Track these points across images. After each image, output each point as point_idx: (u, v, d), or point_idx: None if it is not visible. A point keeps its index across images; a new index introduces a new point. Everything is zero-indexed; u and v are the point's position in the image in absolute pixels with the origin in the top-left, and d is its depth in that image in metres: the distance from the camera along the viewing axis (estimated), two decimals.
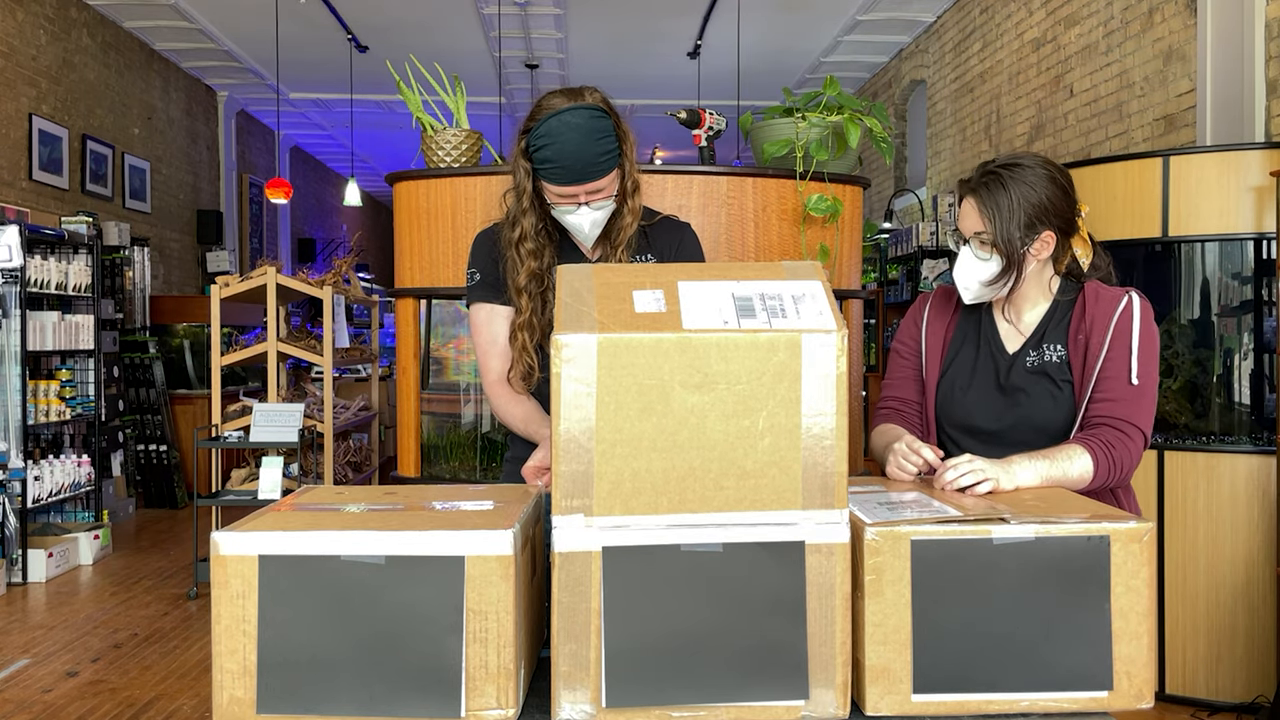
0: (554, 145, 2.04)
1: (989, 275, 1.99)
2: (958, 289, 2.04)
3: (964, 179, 2.05)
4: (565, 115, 2.05)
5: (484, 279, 2.24)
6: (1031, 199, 1.95)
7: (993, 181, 1.97)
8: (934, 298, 2.18)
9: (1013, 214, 1.95)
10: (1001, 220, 1.95)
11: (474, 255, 2.27)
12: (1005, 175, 1.97)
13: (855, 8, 9.02)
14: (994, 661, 1.38)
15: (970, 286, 2.02)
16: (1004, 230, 1.95)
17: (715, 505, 1.33)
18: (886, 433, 2.05)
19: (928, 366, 2.12)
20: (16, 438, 5.92)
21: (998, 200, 1.95)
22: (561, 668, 1.33)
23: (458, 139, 3.53)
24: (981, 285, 2.00)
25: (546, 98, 2.12)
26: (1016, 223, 1.95)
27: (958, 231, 2.03)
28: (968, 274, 2.01)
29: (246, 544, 1.33)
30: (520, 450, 2.22)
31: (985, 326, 2.10)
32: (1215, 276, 4.20)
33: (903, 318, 2.25)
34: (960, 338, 2.11)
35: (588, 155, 2.05)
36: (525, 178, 2.12)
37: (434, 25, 9.49)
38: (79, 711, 3.92)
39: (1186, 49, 5.41)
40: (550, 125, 2.05)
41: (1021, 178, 1.96)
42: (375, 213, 19.56)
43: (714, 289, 1.42)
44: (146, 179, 9.83)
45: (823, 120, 3.43)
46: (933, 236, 8.00)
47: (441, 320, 3.79)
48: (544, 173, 2.08)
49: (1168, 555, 3.95)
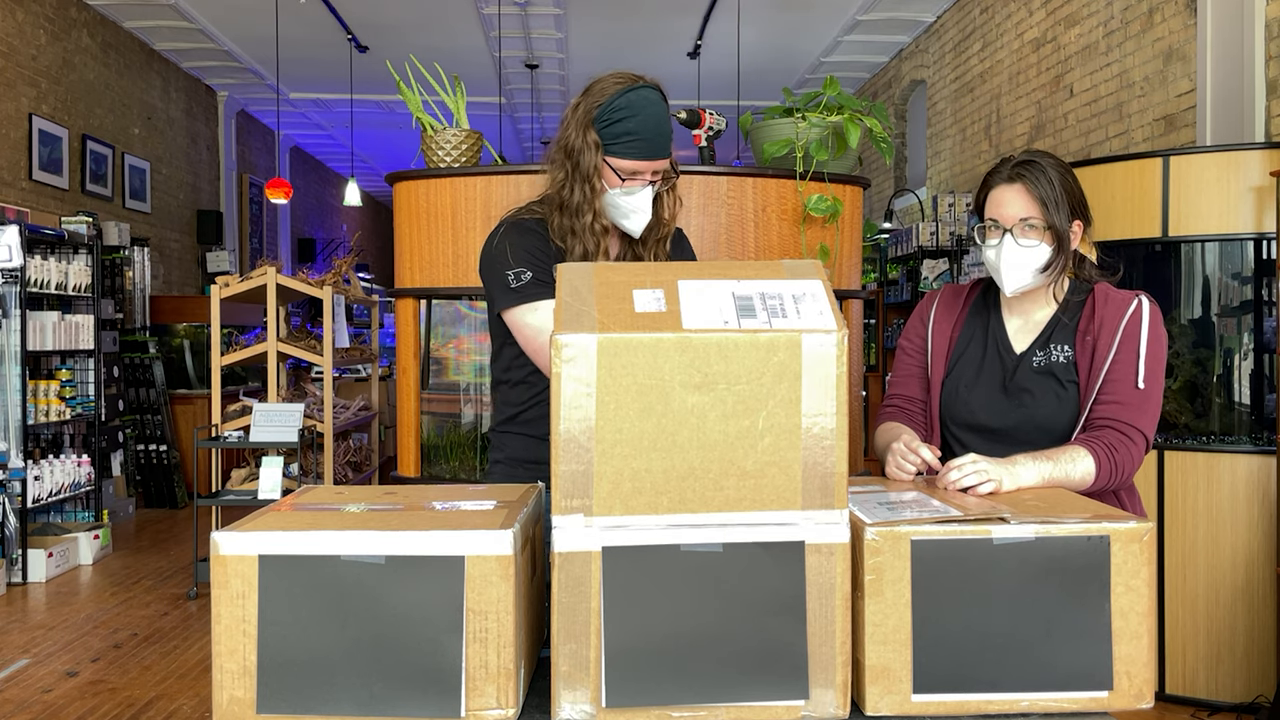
0: (635, 118, 2.01)
1: (1041, 262, 1.97)
2: (1000, 281, 2.00)
3: (995, 170, 2.02)
4: (641, 90, 2.03)
5: (536, 276, 2.05)
6: (1067, 187, 1.97)
7: (1034, 169, 1.97)
8: (941, 296, 2.18)
9: (1060, 202, 1.95)
10: (1054, 206, 1.95)
11: (514, 253, 2.08)
12: (1044, 164, 1.97)
13: (855, 8, 9.02)
14: (994, 661, 1.38)
15: (1019, 277, 1.98)
16: (1057, 216, 1.95)
17: (715, 505, 1.33)
18: (889, 431, 2.05)
19: (933, 365, 2.11)
20: (16, 438, 5.92)
21: (1044, 188, 1.95)
22: (561, 668, 1.33)
23: (458, 139, 3.53)
24: (1035, 273, 1.98)
25: (605, 79, 2.07)
26: (1064, 209, 1.96)
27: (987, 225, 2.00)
28: (1017, 263, 1.96)
29: (246, 544, 1.33)
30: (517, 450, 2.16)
31: (993, 325, 2.09)
32: (1215, 276, 4.20)
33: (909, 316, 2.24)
34: (967, 336, 2.11)
35: (665, 130, 2.03)
36: (595, 153, 2.03)
37: (434, 25, 9.49)
38: (79, 711, 3.92)
39: (1186, 49, 5.41)
40: (629, 99, 2.02)
41: (1054, 168, 1.98)
42: (375, 213, 19.56)
43: (714, 288, 1.42)
44: (146, 179, 9.83)
45: (823, 120, 3.43)
46: (933, 236, 7.99)
47: (441, 320, 3.79)
48: (620, 147, 2.02)
49: (1168, 555, 3.95)
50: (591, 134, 2.03)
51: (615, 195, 2.06)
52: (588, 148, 2.04)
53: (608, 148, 2.03)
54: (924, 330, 2.15)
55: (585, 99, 2.06)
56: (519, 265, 2.06)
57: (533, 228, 2.13)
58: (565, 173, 2.07)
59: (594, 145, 2.03)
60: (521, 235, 2.11)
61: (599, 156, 2.04)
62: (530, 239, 2.11)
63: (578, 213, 2.07)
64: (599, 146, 2.03)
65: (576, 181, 2.06)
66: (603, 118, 2.03)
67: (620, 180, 2.05)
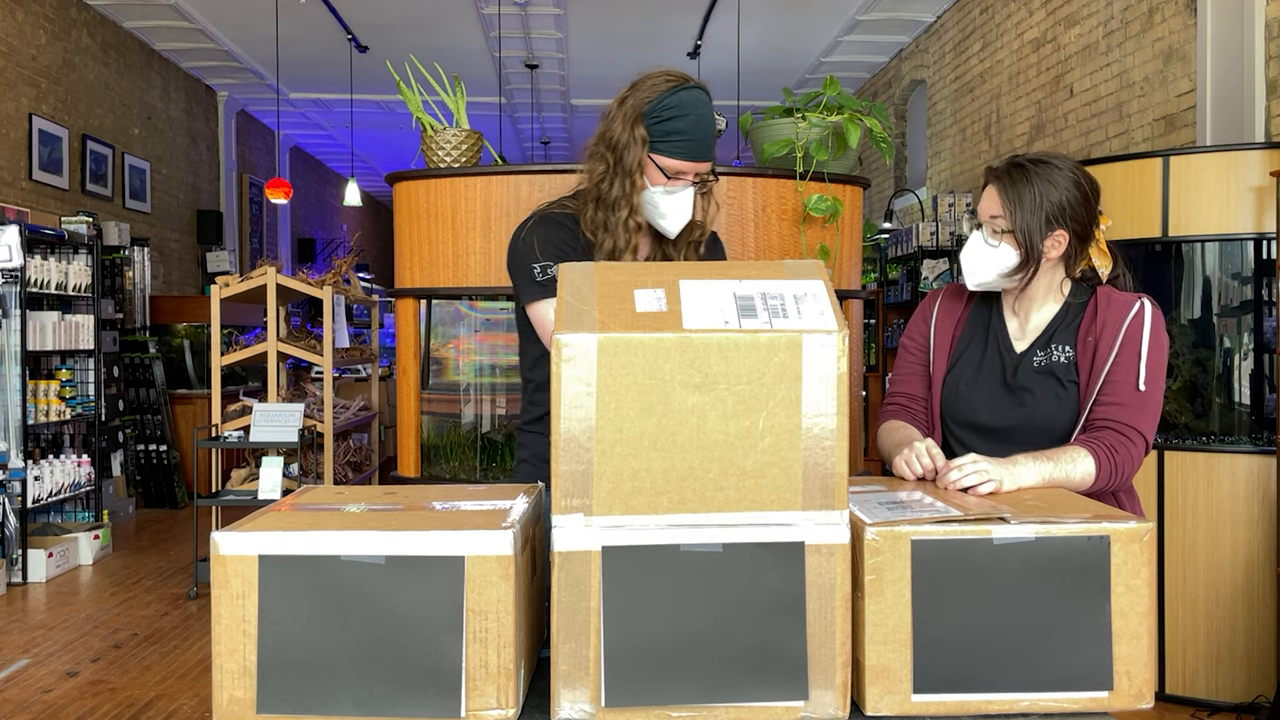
0: (685, 118, 1.99)
1: (1004, 264, 1.99)
2: (963, 274, 2.05)
3: (991, 165, 2.05)
4: (692, 90, 2.01)
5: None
6: (1052, 197, 1.96)
7: (1017, 172, 1.98)
8: (944, 294, 2.19)
9: (1034, 209, 1.96)
10: (1021, 212, 1.96)
11: (541, 246, 2.05)
12: (1031, 169, 1.98)
13: (855, 8, 9.02)
14: (994, 661, 1.38)
15: (979, 273, 2.02)
16: (1021, 221, 1.96)
17: (715, 505, 1.33)
18: (894, 430, 2.05)
19: (935, 362, 2.12)
20: (16, 438, 5.92)
21: (1020, 191, 1.96)
22: (561, 667, 1.33)
23: (458, 139, 3.53)
24: (997, 274, 2.00)
25: (654, 75, 2.05)
26: (1037, 218, 1.96)
27: (975, 216, 2.03)
28: (977, 260, 2.01)
29: (246, 544, 1.33)
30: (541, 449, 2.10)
31: (994, 324, 2.10)
32: (1215, 276, 4.20)
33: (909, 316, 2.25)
34: (969, 335, 2.12)
35: (711, 132, 2.01)
36: (641, 148, 2.00)
37: (434, 25, 9.49)
38: (79, 711, 3.92)
39: (1186, 49, 5.41)
40: (680, 97, 2.00)
41: (1047, 175, 1.97)
42: (375, 213, 19.56)
43: (715, 288, 1.42)
44: (146, 179, 9.83)
45: (823, 120, 3.43)
46: (933, 236, 7.99)
47: (441, 320, 3.79)
48: (668, 145, 2.00)
49: (1168, 555, 3.95)
50: (639, 129, 2.01)
51: (655, 193, 2.04)
52: (634, 143, 2.01)
53: (655, 145, 2.01)
54: (926, 329, 2.16)
55: (634, 94, 2.04)
56: (545, 259, 2.03)
57: (562, 221, 2.10)
58: (606, 166, 2.04)
59: (641, 141, 2.00)
60: (550, 228, 2.09)
61: (644, 152, 2.01)
62: (559, 232, 2.08)
63: (614, 207, 2.04)
64: (646, 142, 2.01)
65: (617, 176, 2.03)
66: (652, 114, 2.00)
67: (664, 178, 2.03)
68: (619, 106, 2.05)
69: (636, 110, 2.02)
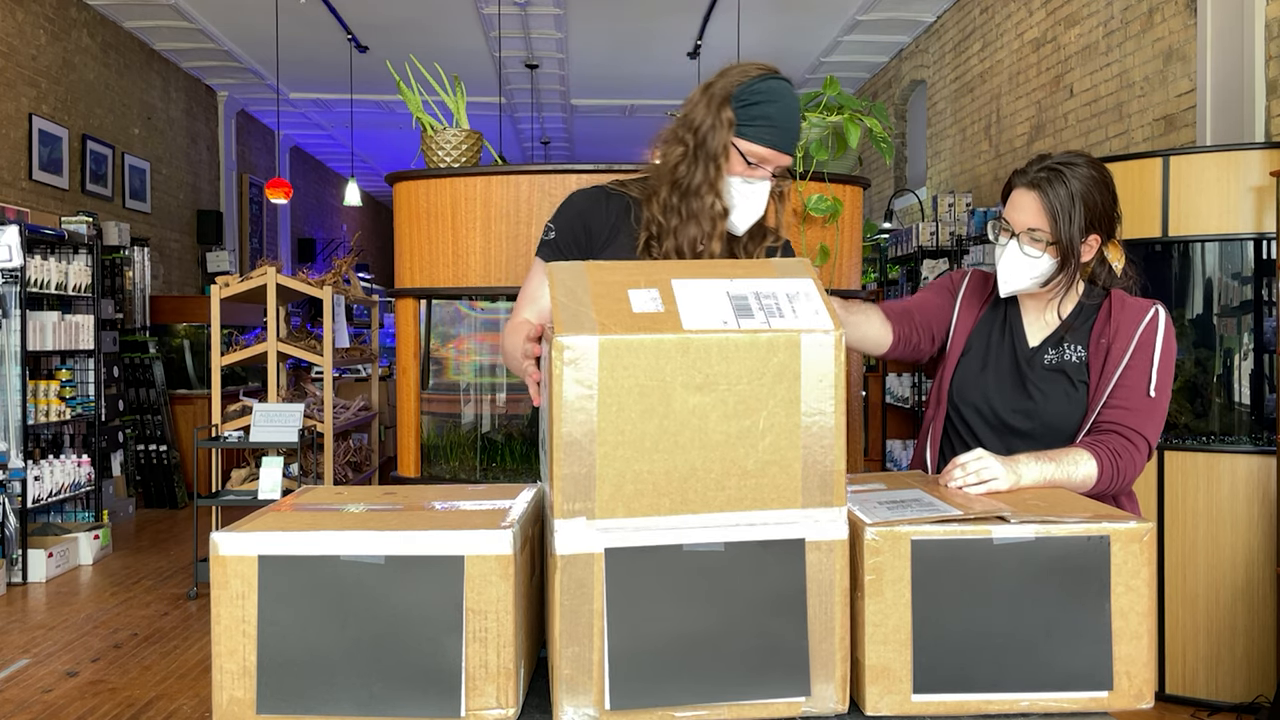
0: (774, 105, 1.93)
1: (1042, 273, 1.98)
2: (997, 281, 2.03)
3: (1020, 170, 2.02)
4: (782, 81, 1.96)
5: (558, 240, 2.01)
6: (1089, 201, 1.95)
7: (1055, 179, 1.95)
8: (971, 278, 2.18)
9: (1073, 216, 1.94)
10: (1064, 221, 1.94)
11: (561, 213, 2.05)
12: (1067, 173, 1.95)
13: (855, 8, 9.02)
14: (994, 661, 1.38)
15: (1017, 282, 2.00)
16: (1066, 231, 1.94)
17: (717, 505, 1.33)
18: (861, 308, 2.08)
19: (953, 341, 2.12)
20: (16, 438, 5.92)
21: (1061, 200, 1.94)
22: (564, 671, 1.33)
23: (458, 139, 3.53)
24: (1034, 281, 1.99)
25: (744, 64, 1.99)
26: (1078, 225, 1.94)
27: (1001, 221, 2.01)
28: (1016, 270, 1.99)
29: (246, 544, 1.33)
30: None
31: (1011, 318, 2.11)
32: (1215, 276, 4.20)
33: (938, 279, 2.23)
34: (987, 324, 2.13)
35: (797, 125, 1.96)
36: (727, 131, 1.93)
37: (434, 25, 9.49)
38: (79, 711, 3.92)
39: (1186, 49, 5.41)
40: (770, 85, 1.94)
41: (1083, 181, 1.95)
42: (375, 213, 19.56)
43: (708, 287, 1.41)
44: (146, 179, 9.83)
45: (823, 120, 3.43)
46: (933, 237, 7.99)
47: (441, 320, 3.79)
48: (754, 130, 1.93)
49: (1168, 555, 3.95)
50: (727, 111, 1.93)
51: (732, 182, 1.97)
52: (720, 125, 1.93)
53: (740, 128, 1.94)
54: (953, 301, 2.16)
55: (721, 79, 1.98)
56: (553, 221, 2.04)
57: (597, 195, 2.06)
58: (686, 148, 1.97)
59: (727, 123, 1.93)
60: (584, 198, 2.06)
61: (730, 135, 1.94)
62: (586, 203, 2.05)
63: (697, 193, 1.96)
64: (732, 125, 1.93)
65: (699, 160, 1.96)
66: (741, 97, 1.93)
67: (745, 165, 1.95)
68: (703, 91, 1.99)
69: (725, 93, 1.94)
